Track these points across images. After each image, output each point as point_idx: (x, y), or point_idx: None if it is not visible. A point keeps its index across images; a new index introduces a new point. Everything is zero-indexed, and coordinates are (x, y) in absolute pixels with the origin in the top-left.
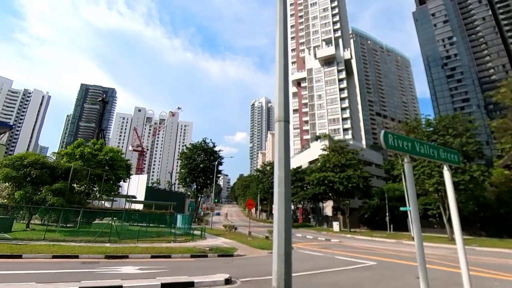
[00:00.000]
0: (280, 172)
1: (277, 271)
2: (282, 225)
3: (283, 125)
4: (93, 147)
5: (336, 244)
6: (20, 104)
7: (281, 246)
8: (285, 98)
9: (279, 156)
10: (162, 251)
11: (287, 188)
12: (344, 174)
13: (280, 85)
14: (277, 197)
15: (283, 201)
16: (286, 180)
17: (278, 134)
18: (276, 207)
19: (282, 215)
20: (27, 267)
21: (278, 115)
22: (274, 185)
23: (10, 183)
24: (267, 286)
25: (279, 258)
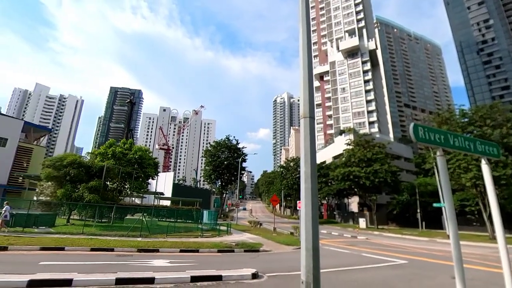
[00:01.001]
0: (306, 168)
1: (305, 266)
2: (309, 220)
3: (308, 122)
4: (123, 147)
5: (363, 241)
6: (57, 109)
7: (309, 241)
8: (309, 95)
9: (305, 152)
10: (190, 245)
11: (313, 184)
12: (370, 168)
13: (304, 82)
14: (303, 192)
15: (310, 197)
16: (313, 176)
17: (303, 130)
18: (303, 202)
19: (309, 210)
20: (69, 258)
21: (303, 112)
22: (301, 181)
23: (52, 182)
24: (294, 281)
25: (307, 252)
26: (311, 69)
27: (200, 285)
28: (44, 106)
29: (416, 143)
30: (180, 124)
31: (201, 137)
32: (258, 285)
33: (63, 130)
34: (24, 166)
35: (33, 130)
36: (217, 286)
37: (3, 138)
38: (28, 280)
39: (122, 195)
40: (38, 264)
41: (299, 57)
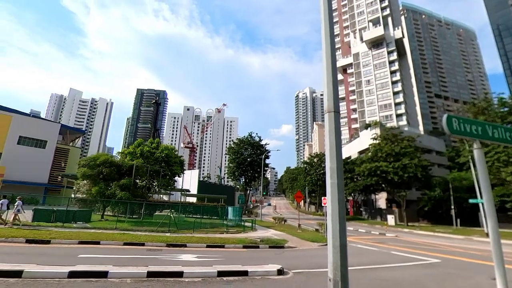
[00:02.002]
0: (332, 163)
1: (333, 263)
2: (336, 216)
3: (333, 116)
4: (150, 146)
5: (392, 238)
6: (89, 111)
7: (336, 238)
8: (333, 88)
9: (330, 147)
10: (216, 241)
11: (339, 179)
12: (398, 163)
13: (327, 75)
14: (329, 188)
15: (336, 193)
16: (339, 171)
17: (328, 125)
18: (329, 198)
19: (335, 206)
20: (104, 252)
21: (328, 106)
22: (326, 177)
23: (87, 180)
24: (320, 278)
25: (335, 250)
26: (334, 61)
27: (226, 280)
28: (78, 109)
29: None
30: (203, 122)
31: (224, 134)
32: (283, 281)
33: (95, 131)
34: (62, 166)
35: (69, 132)
36: (243, 282)
37: (43, 140)
38: (69, 271)
39: (151, 192)
40: (77, 256)
41: (322, 50)
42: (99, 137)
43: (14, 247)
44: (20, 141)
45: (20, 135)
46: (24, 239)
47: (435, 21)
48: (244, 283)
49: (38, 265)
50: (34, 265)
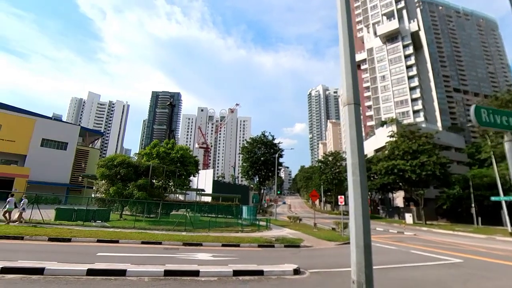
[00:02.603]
0: (353, 158)
1: (356, 264)
2: (359, 215)
3: (353, 108)
4: (166, 147)
5: (411, 237)
6: (107, 114)
7: (359, 237)
8: (353, 79)
9: (351, 142)
10: (231, 240)
11: (362, 176)
12: (416, 161)
13: (346, 66)
14: (351, 185)
15: (359, 190)
16: (361, 166)
17: (348, 118)
18: (351, 196)
19: (358, 204)
20: (122, 250)
21: (347, 98)
22: (348, 174)
23: (105, 180)
24: (338, 279)
25: (358, 250)
26: (353, 50)
27: (242, 279)
28: (96, 112)
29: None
30: (217, 122)
31: (238, 134)
32: (300, 281)
33: (113, 133)
34: (82, 167)
35: (88, 134)
36: (259, 281)
37: (64, 142)
38: (87, 269)
39: (167, 192)
40: (96, 255)
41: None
42: (117, 138)
43: (38, 245)
44: (43, 143)
45: (43, 137)
46: (46, 237)
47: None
48: (259, 283)
49: (59, 263)
50: (55, 262)
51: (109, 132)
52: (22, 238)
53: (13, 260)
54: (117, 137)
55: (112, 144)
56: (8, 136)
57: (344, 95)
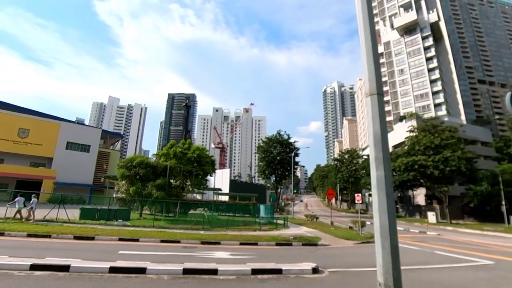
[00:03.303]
0: (376, 152)
1: (383, 266)
2: (384, 213)
3: (376, 99)
4: (182, 147)
5: (434, 237)
6: (126, 116)
7: (385, 238)
8: (375, 68)
9: (374, 135)
10: (249, 238)
11: (387, 171)
12: (439, 156)
13: (368, 54)
14: (375, 181)
15: (384, 186)
16: (386, 161)
17: (371, 109)
18: (375, 193)
19: (383, 201)
20: (142, 249)
21: (369, 88)
22: (371, 169)
23: (125, 180)
24: (358, 278)
25: (384, 251)
26: (374, 38)
27: (260, 278)
28: (116, 115)
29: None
30: (232, 122)
31: (253, 134)
32: (319, 280)
33: (132, 135)
34: (104, 168)
35: (109, 137)
36: (277, 280)
37: (87, 145)
38: (109, 267)
39: (185, 192)
40: (118, 253)
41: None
42: (136, 140)
43: (64, 243)
44: (67, 146)
45: (68, 141)
46: (72, 235)
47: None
48: (278, 282)
49: (83, 260)
50: (80, 260)
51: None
52: (50, 237)
53: (41, 257)
54: (136, 138)
55: (132, 145)
56: (36, 140)
57: (366, 85)
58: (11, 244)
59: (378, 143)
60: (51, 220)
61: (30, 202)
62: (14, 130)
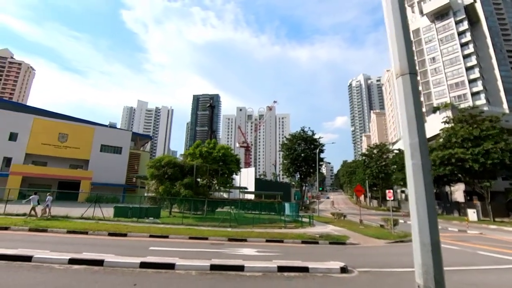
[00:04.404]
0: (411, 138)
1: (422, 265)
2: (423, 206)
3: (408, 79)
4: (208, 146)
5: (476, 236)
6: (154, 119)
7: (424, 234)
8: (406, 45)
9: (408, 119)
10: (275, 236)
11: (424, 159)
12: (479, 148)
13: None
14: (411, 171)
15: (421, 176)
16: (422, 147)
17: (403, 91)
18: (411, 184)
19: (421, 193)
20: (172, 245)
21: (400, 68)
22: (406, 157)
23: (155, 180)
24: (390, 279)
25: (424, 248)
26: (403, 11)
27: (287, 275)
28: (145, 118)
29: None
30: (256, 121)
31: (277, 132)
32: (348, 280)
33: (160, 136)
34: (135, 169)
35: (139, 139)
36: (304, 278)
37: (119, 147)
38: (140, 262)
39: (211, 190)
40: (149, 249)
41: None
42: (164, 141)
43: (99, 239)
44: (102, 149)
45: (102, 143)
46: (107, 232)
47: None
48: (305, 280)
49: (116, 256)
50: (113, 255)
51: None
52: (87, 233)
53: (78, 252)
54: (164, 140)
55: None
56: (74, 143)
57: (396, 64)
58: (53, 239)
59: (413, 127)
60: (88, 218)
61: (46, 200)
62: (55, 135)
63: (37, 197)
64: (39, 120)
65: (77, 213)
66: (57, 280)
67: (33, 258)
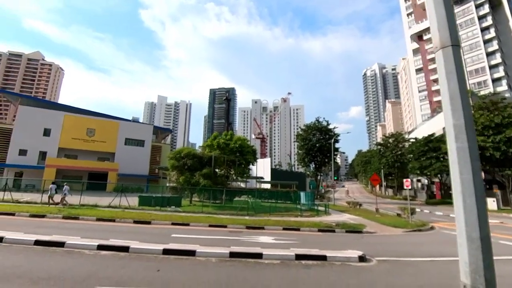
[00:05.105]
0: (455, 118)
1: (469, 263)
2: (470, 195)
3: (450, 52)
4: (225, 138)
5: (496, 225)
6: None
7: (472, 227)
8: (447, 14)
9: (451, 96)
10: (291, 224)
11: (471, 141)
12: (500, 136)
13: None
14: (455, 156)
15: (468, 161)
16: (468, 129)
17: (444, 65)
18: (456, 171)
19: (468, 181)
20: (192, 232)
21: (440, 39)
22: (448, 141)
23: (175, 171)
24: (410, 269)
25: (471, 244)
26: None
27: (304, 263)
28: (165, 112)
29: None
30: (271, 113)
31: (292, 123)
32: (367, 269)
33: (180, 129)
34: (157, 160)
35: (160, 132)
36: (322, 266)
37: (142, 140)
38: (163, 249)
39: (229, 180)
40: (171, 236)
41: None
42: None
43: (125, 226)
44: (126, 142)
45: (126, 137)
46: (132, 220)
47: None
48: (323, 268)
49: (141, 242)
50: (138, 242)
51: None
52: (114, 221)
53: (106, 239)
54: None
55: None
56: (101, 138)
57: (435, 36)
58: (83, 227)
59: (457, 106)
60: (115, 207)
61: (63, 189)
62: (83, 130)
63: (54, 187)
64: (69, 117)
65: (105, 202)
66: (87, 264)
67: (65, 244)
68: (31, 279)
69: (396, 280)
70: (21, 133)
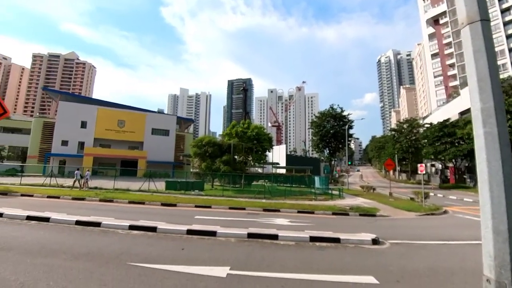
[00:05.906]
0: (484, 102)
1: (495, 257)
2: (498, 184)
3: (479, 27)
4: (243, 127)
5: None
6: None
7: (499, 219)
8: None
9: (479, 77)
10: (306, 207)
11: (501, 126)
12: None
13: None
14: (482, 141)
15: (497, 147)
16: (498, 112)
17: (471, 43)
18: (482, 158)
19: (497, 169)
20: (214, 214)
21: (467, 14)
22: (475, 126)
23: (198, 158)
24: (423, 252)
25: (498, 237)
26: None
27: (319, 245)
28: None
29: None
30: (286, 101)
31: (306, 110)
32: (380, 252)
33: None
34: (181, 148)
35: (183, 122)
36: (336, 249)
37: (167, 129)
38: (187, 229)
39: (247, 166)
40: (194, 217)
41: None
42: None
43: (153, 208)
44: (153, 132)
45: (152, 127)
46: (159, 202)
47: None
48: (336, 250)
49: (167, 223)
50: (164, 223)
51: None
52: (144, 203)
53: (136, 220)
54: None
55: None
56: (131, 128)
57: (461, 10)
58: (117, 208)
59: (486, 88)
60: (144, 190)
61: (85, 174)
62: (115, 122)
63: (79, 172)
64: (102, 110)
65: (136, 187)
66: (120, 243)
67: (101, 224)
68: (73, 255)
69: (409, 262)
70: (62, 126)
